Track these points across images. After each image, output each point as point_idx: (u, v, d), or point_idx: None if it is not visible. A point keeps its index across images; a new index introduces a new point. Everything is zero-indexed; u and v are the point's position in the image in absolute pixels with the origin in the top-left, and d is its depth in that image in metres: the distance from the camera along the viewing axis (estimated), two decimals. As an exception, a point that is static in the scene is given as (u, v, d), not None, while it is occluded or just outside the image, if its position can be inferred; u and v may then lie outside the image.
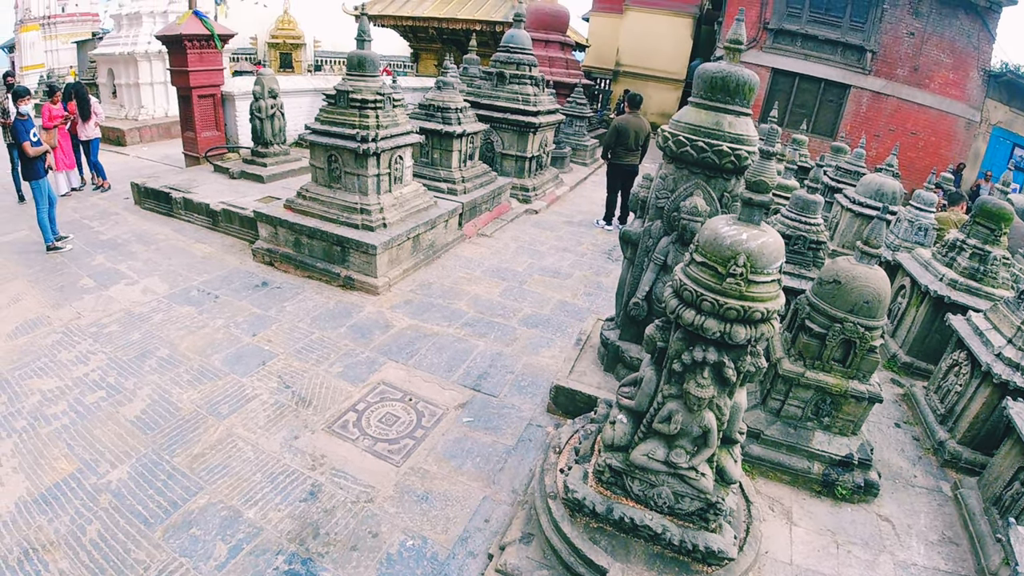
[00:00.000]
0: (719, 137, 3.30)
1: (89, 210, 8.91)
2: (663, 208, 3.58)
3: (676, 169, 3.53)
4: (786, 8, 14.90)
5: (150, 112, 16.24)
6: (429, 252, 6.75)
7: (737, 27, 3.37)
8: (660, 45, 23.53)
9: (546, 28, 15.82)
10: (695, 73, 3.49)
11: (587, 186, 11.99)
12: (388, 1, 19.73)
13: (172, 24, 10.27)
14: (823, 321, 3.61)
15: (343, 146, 5.89)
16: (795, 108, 15.53)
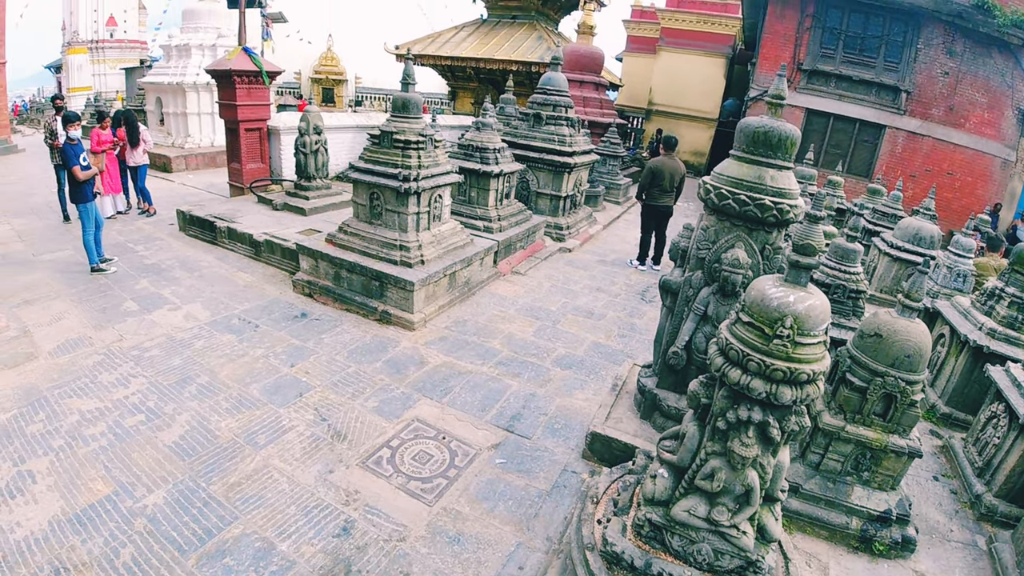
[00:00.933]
0: (761, 191, 3.32)
1: (134, 234, 9.21)
2: (704, 259, 3.60)
3: (718, 221, 3.56)
4: (820, 49, 14.97)
5: (196, 141, 16.88)
6: (464, 289, 6.84)
7: (779, 83, 3.42)
8: (693, 84, 23.80)
9: (581, 69, 16.15)
10: (737, 127, 3.53)
11: (620, 225, 12.05)
12: (428, 41, 20.40)
13: (222, 59, 10.70)
14: (864, 375, 3.56)
15: (385, 184, 6.07)
16: (830, 148, 15.48)
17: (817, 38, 14.89)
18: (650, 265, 9.13)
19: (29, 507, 3.43)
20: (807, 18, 14.80)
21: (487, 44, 19.10)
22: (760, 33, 16.11)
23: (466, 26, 21.12)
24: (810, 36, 14.91)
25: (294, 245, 7.30)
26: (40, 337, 5.54)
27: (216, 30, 17.35)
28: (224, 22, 17.63)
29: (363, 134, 12.99)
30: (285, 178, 10.82)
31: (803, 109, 15.16)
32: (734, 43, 23.57)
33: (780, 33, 15.19)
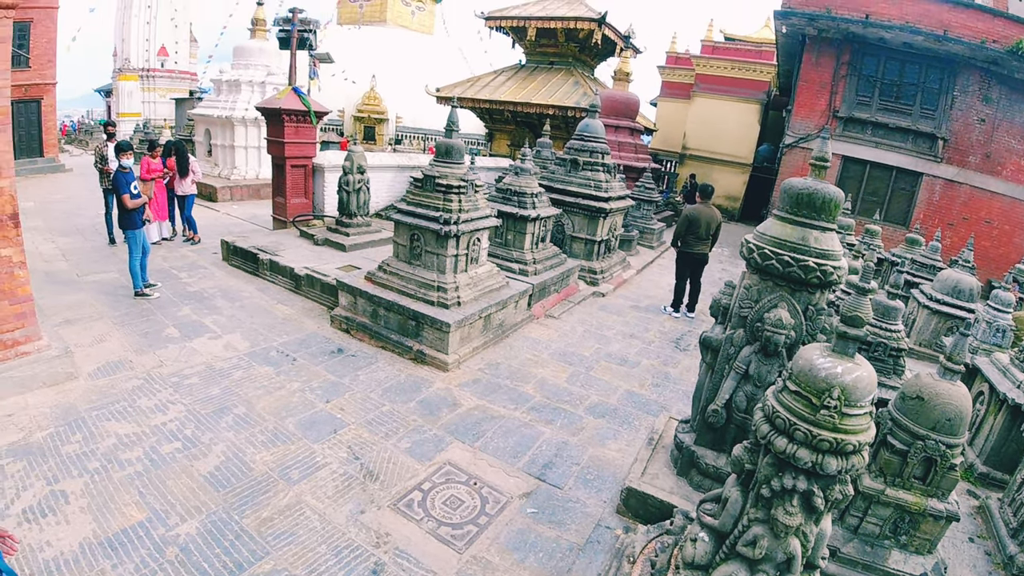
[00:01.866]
0: (805, 252, 3.33)
1: (178, 261, 9.50)
2: (746, 318, 3.59)
3: (760, 280, 3.56)
4: (856, 96, 14.97)
5: (242, 173, 17.44)
6: (498, 331, 6.89)
7: (822, 145, 3.47)
8: (727, 129, 23.92)
9: (617, 114, 16.41)
10: (781, 188, 3.57)
11: (654, 270, 12.04)
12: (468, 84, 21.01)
13: (273, 98, 11.13)
14: (905, 438, 3.49)
15: (426, 227, 6.22)
16: (867, 196, 15.32)
17: (853, 86, 14.92)
18: (684, 312, 9.08)
19: (60, 527, 3.49)
20: (843, 66, 14.85)
21: (525, 89, 19.58)
22: (795, 80, 16.21)
23: (505, 71, 21.73)
24: (846, 84, 14.93)
25: (334, 281, 7.46)
26: (81, 357, 5.71)
27: (265, 68, 18.11)
28: (273, 60, 18.40)
29: (403, 173, 13.38)
30: (327, 214, 11.13)
31: (840, 157, 15.10)
32: (769, 89, 23.70)
33: (816, 81, 15.25)
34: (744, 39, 25.83)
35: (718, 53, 24.53)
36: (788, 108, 17.06)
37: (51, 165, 20.18)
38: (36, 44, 19.26)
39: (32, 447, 4.25)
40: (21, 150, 18.06)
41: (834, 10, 13.90)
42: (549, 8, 20.61)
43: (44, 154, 20.06)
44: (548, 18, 19.72)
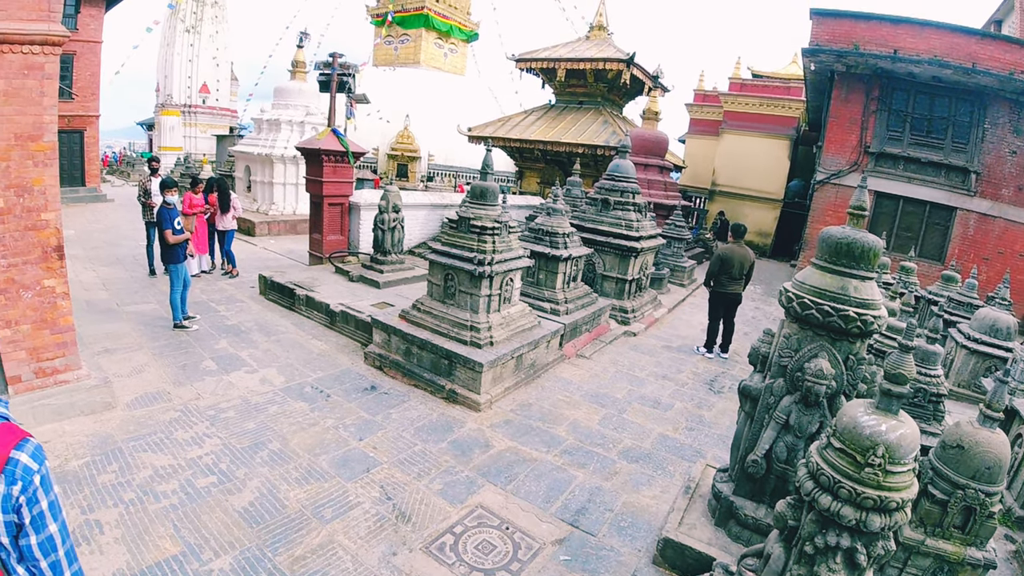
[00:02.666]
0: (845, 302, 3.31)
1: (217, 294, 9.73)
2: (786, 367, 3.56)
3: (800, 329, 3.54)
4: (887, 131, 14.85)
5: (280, 208, 17.94)
6: (530, 371, 6.90)
7: (859, 194, 3.49)
8: (756, 165, 23.87)
9: (646, 153, 16.56)
10: (819, 237, 3.57)
11: (685, 308, 11.95)
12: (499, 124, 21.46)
13: (312, 139, 11.51)
14: (945, 487, 3.41)
15: (460, 267, 6.32)
16: (901, 232, 15.06)
17: (883, 121, 14.82)
18: (718, 353, 8.97)
19: (94, 557, 3.53)
20: (872, 101, 14.79)
21: (554, 128, 19.91)
22: (825, 116, 16.18)
23: (535, 110, 22.16)
24: (876, 119, 14.84)
25: (368, 318, 7.59)
26: (119, 387, 5.84)
27: (305, 108, 18.75)
28: (312, 101, 19.05)
29: (436, 212, 13.65)
30: (362, 251, 11.37)
31: (872, 192, 14.92)
32: (798, 124, 23.67)
33: (846, 116, 15.21)
34: (772, 75, 25.96)
35: (746, 90, 24.68)
36: (819, 144, 17.01)
37: (93, 194, 20.99)
38: (80, 77, 20.19)
39: (68, 475, 4.34)
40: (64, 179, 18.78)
41: (862, 46, 13.94)
42: (578, 50, 21.07)
43: (86, 183, 20.85)
44: (577, 59, 20.15)
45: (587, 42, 22.15)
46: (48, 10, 5.17)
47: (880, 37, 13.97)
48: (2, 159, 5.03)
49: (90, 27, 20.22)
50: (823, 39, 14.50)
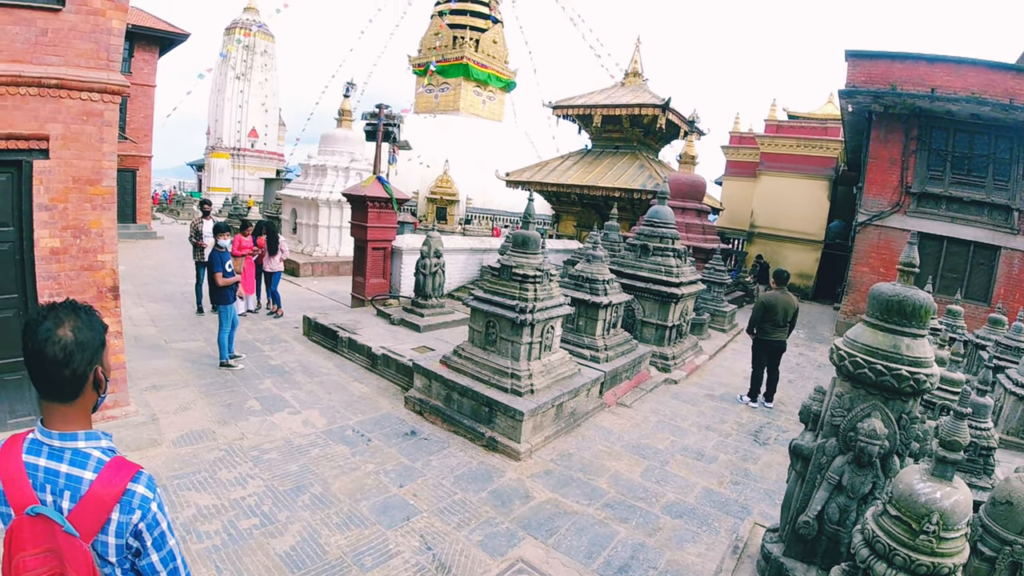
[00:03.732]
0: (897, 360, 3.26)
1: (262, 333, 9.98)
2: (839, 426, 3.49)
3: (852, 388, 3.49)
4: (927, 171, 14.59)
5: (323, 250, 18.47)
6: (570, 420, 6.85)
7: (909, 251, 3.47)
8: (795, 207, 23.62)
9: (684, 196, 16.59)
10: (870, 293, 3.54)
11: (727, 355, 11.72)
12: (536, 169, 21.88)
13: (358, 185, 11.92)
14: (994, 544, 3.24)
15: (502, 315, 6.40)
16: (946, 273, 14.63)
17: (923, 160, 14.60)
18: (762, 402, 8.75)
19: None
20: (912, 141, 14.61)
21: (591, 172, 20.18)
22: (865, 157, 16.02)
23: (572, 155, 22.55)
24: (916, 159, 14.64)
25: (409, 362, 7.69)
26: (165, 424, 5.97)
27: (350, 154, 19.46)
28: (357, 147, 19.77)
29: (475, 256, 13.87)
30: (403, 294, 11.61)
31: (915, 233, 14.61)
32: (836, 164, 23.41)
33: (885, 157, 15.05)
34: (808, 116, 25.89)
35: (782, 131, 24.63)
36: (859, 185, 16.81)
37: (143, 232, 21.97)
38: (133, 118, 21.31)
39: (112, 510, 4.46)
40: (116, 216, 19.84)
41: (899, 86, 13.86)
42: (614, 96, 21.50)
43: (137, 220, 21.81)
44: (613, 105, 20.54)
45: (622, 88, 22.60)
46: (107, 59, 5.46)
47: (917, 76, 13.91)
48: (60, 201, 5.26)
49: (144, 71, 21.53)
50: (859, 80, 14.48)
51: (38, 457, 1.63)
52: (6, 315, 5.25)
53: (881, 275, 14.80)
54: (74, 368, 1.61)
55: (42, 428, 1.66)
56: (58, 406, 1.65)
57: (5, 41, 4.91)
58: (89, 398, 1.71)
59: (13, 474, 1.61)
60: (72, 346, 1.60)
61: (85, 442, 1.66)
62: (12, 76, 4.88)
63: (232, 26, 43.75)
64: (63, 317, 1.63)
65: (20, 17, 4.97)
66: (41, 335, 1.58)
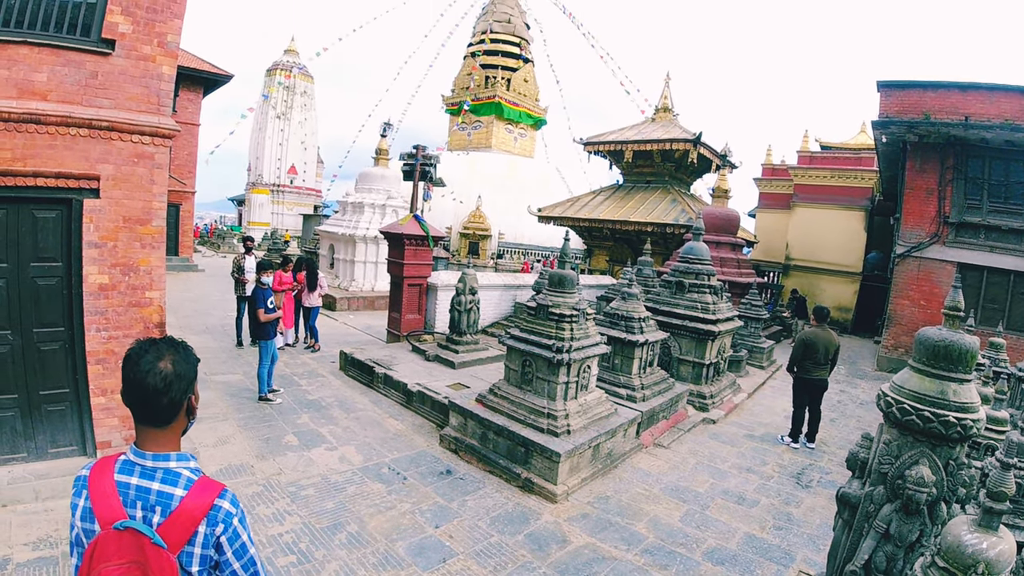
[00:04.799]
0: (944, 406, 3.24)
1: (299, 367, 10.16)
2: (886, 474, 3.43)
3: (900, 435, 3.45)
4: (964, 200, 14.26)
5: (360, 285, 18.84)
6: (607, 461, 6.77)
7: (954, 295, 3.46)
8: (831, 238, 23.25)
9: (717, 231, 16.49)
10: (916, 338, 3.52)
11: (766, 392, 11.46)
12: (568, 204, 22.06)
13: (395, 223, 12.21)
14: None
15: (539, 354, 6.42)
16: (986, 304, 14.14)
17: (960, 189, 14.32)
18: (803, 443, 8.52)
19: None
20: (948, 170, 14.36)
21: (623, 207, 20.26)
22: (901, 187, 15.79)
23: (603, 190, 22.71)
24: (953, 188, 14.37)
25: (445, 399, 7.74)
26: (205, 458, 6.07)
27: (386, 192, 19.98)
28: (393, 185, 20.28)
29: (509, 292, 13.99)
30: (437, 330, 11.74)
31: (954, 264, 14.22)
32: (872, 195, 23.02)
33: (922, 187, 14.80)
34: (841, 146, 25.63)
35: (816, 162, 24.42)
36: (896, 216, 16.52)
37: (185, 264, 22.74)
38: (178, 155, 22.21)
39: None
40: (160, 249, 20.69)
41: (932, 115, 13.70)
42: (644, 132, 21.68)
43: (179, 253, 22.59)
44: (644, 141, 20.70)
45: (653, 124, 22.78)
46: (158, 103, 5.65)
47: (950, 105, 13.76)
48: (109, 239, 5.41)
49: (188, 110, 22.63)
50: (892, 110, 14.38)
51: (130, 476, 1.78)
52: (52, 347, 5.40)
53: (921, 308, 14.44)
54: (172, 397, 1.79)
55: (136, 450, 1.81)
56: (152, 430, 1.82)
57: (55, 81, 5.09)
58: (181, 423, 1.89)
59: (105, 492, 1.76)
60: (172, 377, 1.78)
61: (176, 463, 1.82)
62: (62, 116, 5.06)
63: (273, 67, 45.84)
64: (164, 351, 1.81)
65: (69, 59, 5.15)
66: (144, 366, 1.76)
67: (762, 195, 28.55)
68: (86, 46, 5.23)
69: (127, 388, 1.79)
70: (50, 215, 5.26)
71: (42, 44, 5.03)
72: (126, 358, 1.80)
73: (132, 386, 1.78)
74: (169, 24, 5.64)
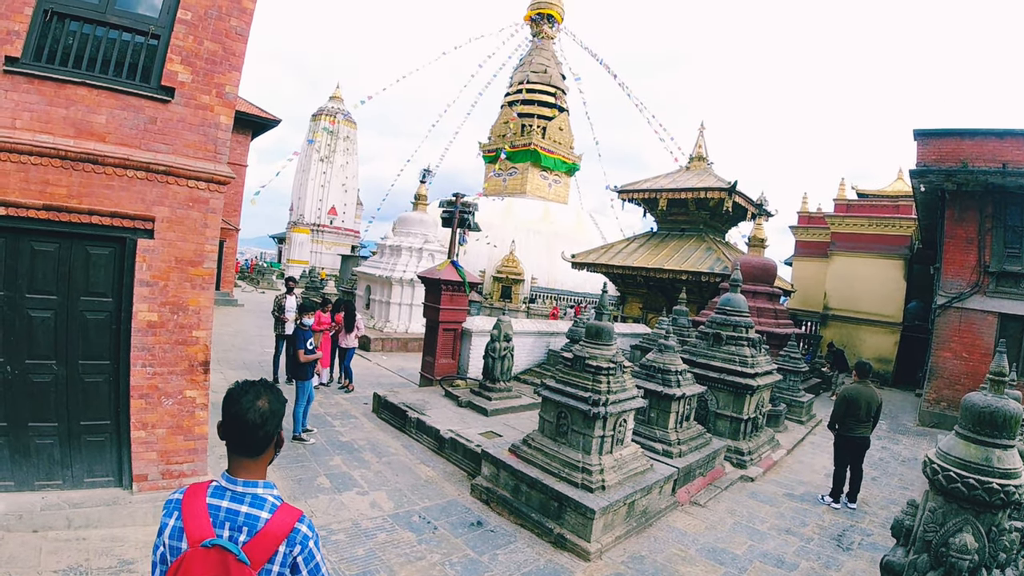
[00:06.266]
0: (988, 473, 3.29)
1: (332, 408, 10.25)
2: (931, 542, 3.39)
3: (945, 503, 3.46)
4: (1004, 249, 13.87)
5: (394, 326, 19.10)
6: (642, 519, 6.63)
7: (999, 360, 3.47)
8: (871, 288, 22.76)
9: (754, 280, 16.34)
10: (962, 405, 3.54)
11: (805, 449, 11.11)
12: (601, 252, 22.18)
13: (433, 269, 12.46)
14: None
15: (574, 406, 6.41)
16: (1028, 355, 13.56)
17: (1000, 238, 13.98)
18: (844, 503, 8.22)
19: None
20: (987, 218, 14.06)
21: (657, 255, 20.27)
22: (940, 236, 15.50)
23: (637, 237, 22.81)
24: (992, 236, 14.04)
25: (477, 448, 7.73)
26: None
27: (424, 236, 20.42)
28: (431, 230, 20.73)
29: (542, 339, 14.04)
30: (470, 376, 11.80)
31: (996, 314, 13.76)
32: (911, 243, 22.54)
33: (961, 236, 14.50)
34: (878, 194, 25.32)
35: (853, 210, 24.14)
36: (936, 266, 16.16)
37: (226, 299, 23.40)
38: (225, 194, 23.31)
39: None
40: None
41: (970, 162, 13.50)
42: (679, 180, 21.84)
43: (221, 288, 23.21)
44: (679, 189, 20.84)
45: (687, 172, 22.96)
46: (214, 151, 5.81)
47: (988, 152, 13.58)
48: (161, 278, 5.52)
49: (237, 151, 23.69)
50: (930, 159, 14.25)
51: (221, 500, 2.00)
52: (96, 379, 5.48)
53: (964, 360, 13.95)
54: (267, 430, 2.05)
55: (228, 476, 2.04)
56: (246, 460, 2.06)
57: (114, 124, 5.28)
58: (269, 454, 2.13)
59: (196, 513, 1.96)
60: (268, 413, 2.04)
61: (263, 489, 2.05)
62: (121, 159, 5.23)
63: (318, 113, 47.95)
64: (261, 391, 2.07)
65: (129, 103, 5.34)
66: (245, 404, 2.01)
67: (798, 243, 28.23)
68: (146, 92, 5.44)
69: (228, 422, 2.03)
70: (103, 252, 5.40)
71: (101, 87, 5.25)
72: (228, 396, 2.05)
73: (233, 420, 2.02)
74: (227, 76, 5.87)
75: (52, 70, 5.09)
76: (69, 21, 5.22)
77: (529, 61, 41.23)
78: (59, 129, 5.07)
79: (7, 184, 4.86)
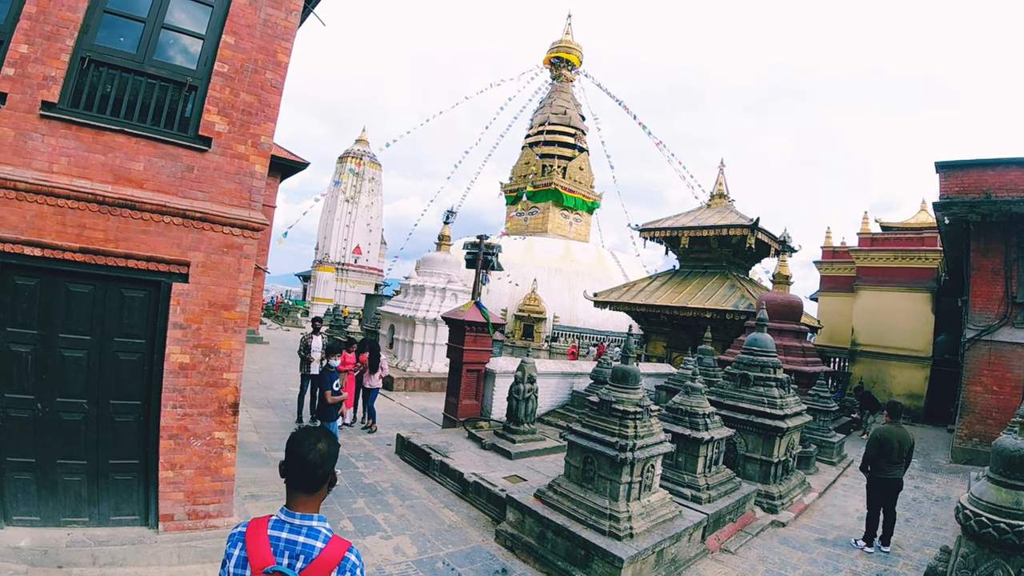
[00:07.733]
0: (1019, 516, 3.33)
1: (356, 448, 10.22)
2: (964, 588, 3.37)
3: (976, 548, 3.54)
4: None
5: (417, 366, 19.17)
6: (671, 568, 6.49)
7: (1031, 404, 3.44)
8: (898, 322, 22.38)
9: (780, 318, 16.17)
10: (992, 448, 3.58)
11: (837, 491, 10.81)
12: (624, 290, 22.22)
13: (457, 310, 12.57)
14: None
15: (601, 451, 6.36)
16: (1059, 389, 13.14)
17: None
18: (878, 546, 7.98)
19: None
20: (1012, 248, 13.88)
21: (680, 293, 20.23)
22: (966, 268, 15.29)
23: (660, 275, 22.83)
24: (1019, 267, 13.83)
25: (502, 492, 7.67)
26: None
27: (447, 276, 20.66)
28: (454, 270, 20.98)
29: (566, 380, 14.00)
30: (494, 417, 11.78)
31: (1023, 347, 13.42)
32: (937, 275, 22.18)
33: (988, 268, 14.31)
34: (902, 226, 25.07)
35: (877, 244, 23.95)
36: (964, 298, 15.89)
37: (252, 336, 23.67)
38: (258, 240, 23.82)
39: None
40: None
41: (993, 192, 13.39)
42: (700, 218, 21.92)
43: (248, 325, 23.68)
44: (700, 227, 20.91)
45: (709, 210, 23.05)
46: (249, 199, 5.92)
47: (1010, 182, 13.51)
48: (194, 321, 5.60)
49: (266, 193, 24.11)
50: (953, 191, 14.18)
51: (281, 531, 2.24)
52: (126, 419, 5.53)
53: (994, 394, 13.58)
54: (325, 470, 2.31)
55: (286, 511, 2.28)
56: (303, 496, 2.29)
57: (152, 171, 5.40)
58: (324, 491, 2.37)
59: (259, 543, 2.21)
60: (326, 455, 2.31)
61: (317, 522, 2.28)
62: (158, 205, 5.34)
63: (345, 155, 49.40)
64: (320, 436, 2.34)
65: (166, 152, 5.47)
66: (307, 446, 2.27)
67: (823, 278, 27.96)
68: (184, 141, 5.59)
69: (291, 462, 2.29)
70: (138, 295, 5.50)
71: (139, 135, 5.39)
72: (292, 439, 2.33)
73: (296, 460, 2.27)
74: (263, 127, 6.04)
75: (90, 116, 5.24)
76: (106, 68, 5.37)
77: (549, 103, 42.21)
78: (97, 175, 5.20)
79: (44, 227, 4.99)
